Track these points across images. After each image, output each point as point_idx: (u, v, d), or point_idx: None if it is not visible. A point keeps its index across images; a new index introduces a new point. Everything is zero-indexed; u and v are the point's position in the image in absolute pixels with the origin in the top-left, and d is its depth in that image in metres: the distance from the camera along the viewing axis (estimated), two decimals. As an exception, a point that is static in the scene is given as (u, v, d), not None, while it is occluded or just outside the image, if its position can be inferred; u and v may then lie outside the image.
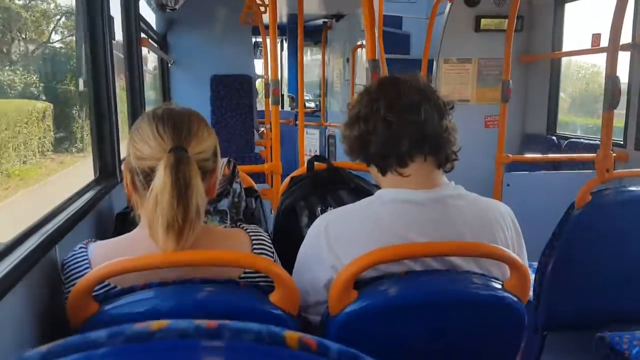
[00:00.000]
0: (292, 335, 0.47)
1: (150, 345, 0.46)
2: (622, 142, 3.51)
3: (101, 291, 1.12)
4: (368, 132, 1.31)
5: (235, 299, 1.12)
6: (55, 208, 1.52)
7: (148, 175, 1.12)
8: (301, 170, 2.01)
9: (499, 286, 1.24)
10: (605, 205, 2.02)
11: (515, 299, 1.23)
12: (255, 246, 1.25)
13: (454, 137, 1.32)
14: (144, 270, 1.10)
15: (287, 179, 2.01)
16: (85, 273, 1.12)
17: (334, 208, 1.44)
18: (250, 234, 1.27)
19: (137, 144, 1.16)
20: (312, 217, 1.79)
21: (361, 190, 1.87)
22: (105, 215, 1.87)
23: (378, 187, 1.39)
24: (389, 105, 1.28)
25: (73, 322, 1.09)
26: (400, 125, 1.27)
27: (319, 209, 1.82)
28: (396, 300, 1.20)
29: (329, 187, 1.88)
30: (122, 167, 1.24)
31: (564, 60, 4.60)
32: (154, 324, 0.46)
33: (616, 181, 2.54)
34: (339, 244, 1.26)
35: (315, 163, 1.99)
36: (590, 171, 2.51)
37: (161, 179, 1.07)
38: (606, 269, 2.03)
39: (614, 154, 2.38)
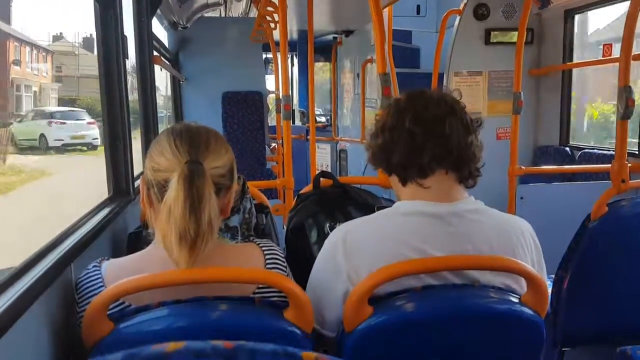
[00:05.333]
0: (309, 356, 0.46)
1: None
2: (637, 152, 3.47)
3: (116, 309, 1.12)
4: (392, 142, 1.31)
5: (250, 317, 1.12)
6: (70, 226, 1.53)
7: (163, 188, 1.13)
8: (308, 187, 2.01)
9: (516, 300, 1.22)
10: (622, 217, 1.99)
11: (532, 312, 1.21)
12: (268, 261, 1.24)
13: (478, 154, 1.32)
14: (159, 288, 1.10)
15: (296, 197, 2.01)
16: (100, 292, 1.12)
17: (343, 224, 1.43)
18: (263, 248, 1.26)
19: (154, 157, 1.18)
20: (322, 234, 1.79)
21: (369, 205, 1.86)
22: (119, 233, 1.88)
23: (388, 201, 1.38)
24: (415, 117, 1.29)
25: (88, 342, 1.09)
26: (424, 137, 1.27)
27: (328, 225, 1.81)
28: (412, 316, 1.18)
29: (336, 203, 1.87)
30: (139, 181, 1.25)
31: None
32: (170, 345, 0.46)
33: (632, 192, 2.51)
34: (356, 254, 1.25)
35: (322, 179, 1.99)
36: (606, 182, 2.48)
37: (174, 189, 1.08)
38: (625, 281, 2.00)
39: (629, 164, 2.35)
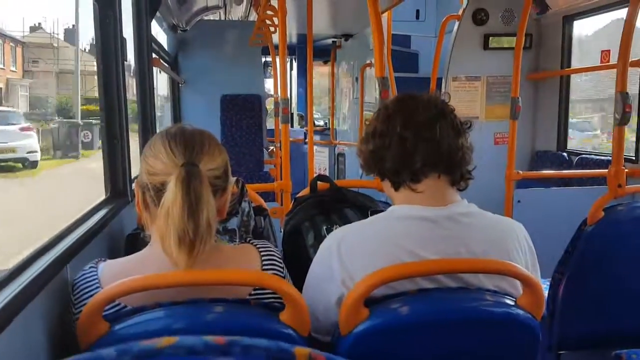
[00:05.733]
0: (301, 352, 0.46)
1: None
2: (634, 158, 3.48)
3: (111, 311, 1.12)
4: (383, 148, 1.31)
5: (245, 319, 1.12)
6: (66, 227, 1.52)
7: (159, 191, 1.14)
8: (305, 191, 2.01)
9: (512, 303, 1.22)
10: (618, 221, 2.00)
11: (528, 315, 1.21)
12: (265, 262, 1.24)
13: (469, 156, 1.32)
14: (155, 289, 1.10)
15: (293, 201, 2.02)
16: (96, 293, 1.12)
17: (340, 227, 1.43)
18: (260, 249, 1.26)
19: (149, 160, 1.18)
20: (318, 237, 1.79)
21: (366, 208, 1.86)
22: (116, 235, 1.88)
23: (385, 204, 1.38)
24: (404, 121, 1.29)
25: (83, 343, 1.08)
26: (415, 142, 1.27)
27: (325, 228, 1.81)
28: (408, 319, 1.18)
29: (333, 206, 1.88)
30: (134, 184, 1.25)
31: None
32: (163, 341, 0.46)
33: (629, 197, 2.51)
34: (351, 259, 1.25)
35: (319, 183, 1.99)
36: (603, 187, 2.49)
37: (172, 192, 1.08)
38: (620, 285, 2.00)
39: (625, 170, 2.36)
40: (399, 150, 1.29)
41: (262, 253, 1.26)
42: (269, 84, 6.75)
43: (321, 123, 8.75)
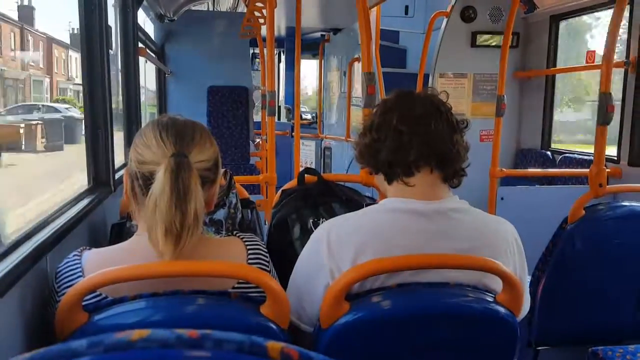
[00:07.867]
0: (274, 346, 0.46)
1: (131, 354, 0.46)
2: (615, 158, 3.52)
3: (92, 301, 1.11)
4: (379, 141, 1.33)
5: (225, 311, 1.12)
6: (47, 217, 1.51)
7: (148, 180, 1.13)
8: (292, 183, 2.01)
9: (491, 299, 1.23)
10: (599, 220, 2.02)
11: (507, 312, 1.22)
12: (250, 256, 1.24)
13: (463, 154, 1.34)
14: (136, 280, 1.09)
15: (279, 192, 2.01)
16: (78, 281, 1.11)
17: (326, 220, 1.44)
18: (247, 243, 1.26)
19: (139, 148, 1.17)
20: (305, 230, 1.79)
21: (353, 201, 1.87)
22: (98, 225, 1.86)
23: (370, 198, 1.38)
24: (401, 116, 1.31)
25: (62, 333, 1.07)
26: (410, 135, 1.29)
27: (311, 221, 1.82)
28: (387, 313, 1.19)
29: (320, 199, 1.88)
30: (123, 173, 1.24)
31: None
32: (135, 333, 0.46)
33: (610, 196, 2.55)
34: (339, 250, 1.26)
35: (306, 175, 1.99)
36: (585, 186, 2.52)
37: (160, 182, 1.08)
38: (599, 283, 2.03)
39: (607, 170, 2.39)
40: (394, 143, 1.30)
41: (248, 246, 1.25)
42: (256, 77, 6.72)
43: (308, 117, 8.73)
